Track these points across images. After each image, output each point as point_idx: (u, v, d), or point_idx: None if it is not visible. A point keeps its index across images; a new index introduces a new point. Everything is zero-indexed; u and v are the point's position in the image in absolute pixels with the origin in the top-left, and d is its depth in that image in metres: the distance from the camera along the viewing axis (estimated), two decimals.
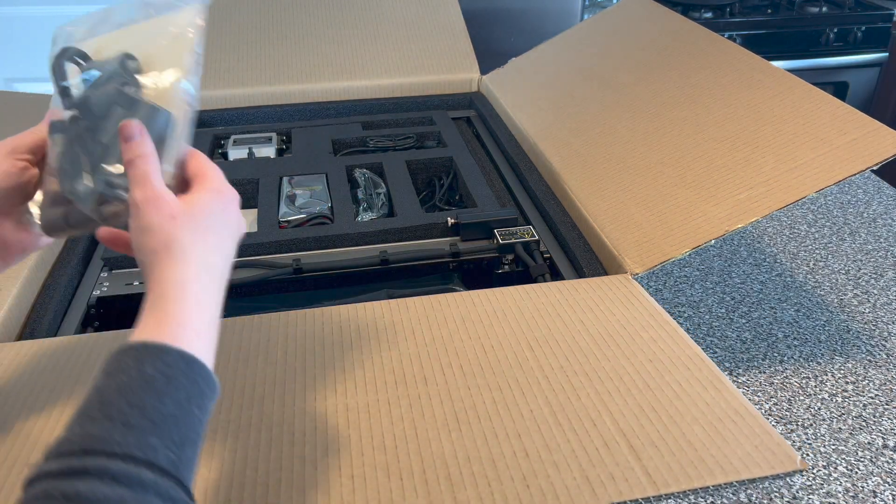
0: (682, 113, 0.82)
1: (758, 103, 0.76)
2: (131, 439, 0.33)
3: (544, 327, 0.63)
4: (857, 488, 0.52)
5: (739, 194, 0.68)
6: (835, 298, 0.75)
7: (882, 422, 0.59)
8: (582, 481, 0.48)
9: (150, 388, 0.35)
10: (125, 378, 0.35)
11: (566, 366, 0.59)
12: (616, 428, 0.53)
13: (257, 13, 1.24)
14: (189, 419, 0.35)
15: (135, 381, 0.35)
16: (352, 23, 1.24)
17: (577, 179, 0.84)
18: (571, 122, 0.94)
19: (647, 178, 0.77)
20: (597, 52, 1.06)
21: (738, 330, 0.70)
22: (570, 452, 0.50)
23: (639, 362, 0.59)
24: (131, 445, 0.33)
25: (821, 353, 0.67)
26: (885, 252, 0.83)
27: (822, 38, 1.80)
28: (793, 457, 0.51)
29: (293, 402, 0.55)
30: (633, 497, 0.48)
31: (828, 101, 0.71)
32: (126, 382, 0.35)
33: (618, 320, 0.64)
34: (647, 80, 0.92)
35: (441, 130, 1.06)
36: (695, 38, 0.94)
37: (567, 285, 0.69)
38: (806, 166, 0.66)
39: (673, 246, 0.68)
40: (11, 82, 1.87)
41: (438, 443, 0.51)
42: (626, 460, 0.50)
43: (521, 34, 1.69)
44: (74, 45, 0.48)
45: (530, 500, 0.47)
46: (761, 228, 0.88)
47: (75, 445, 0.33)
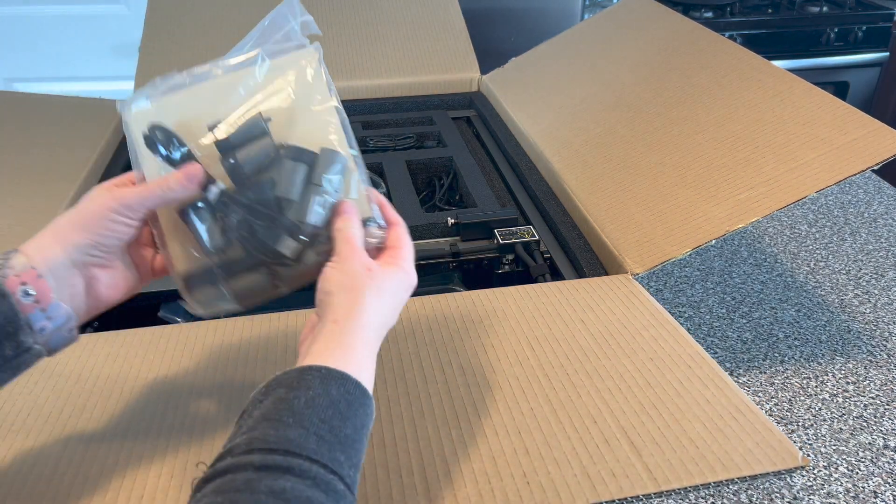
0: (683, 113, 0.82)
1: (758, 103, 0.76)
2: (324, 450, 0.35)
3: (544, 326, 0.63)
4: (858, 489, 0.52)
5: (740, 194, 0.68)
6: (835, 298, 0.75)
7: (883, 422, 0.59)
8: (582, 478, 0.48)
9: (336, 409, 0.37)
10: (312, 394, 0.37)
11: (566, 364, 0.59)
12: (617, 425, 0.53)
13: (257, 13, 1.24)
14: (360, 445, 0.38)
15: (322, 399, 0.37)
16: (352, 22, 1.23)
17: (578, 179, 0.84)
18: (572, 122, 0.94)
19: (647, 177, 0.77)
20: (597, 52, 1.06)
21: (739, 330, 0.70)
22: (570, 449, 0.50)
23: (639, 361, 0.59)
24: (325, 456, 0.35)
25: (821, 354, 0.67)
26: (886, 252, 0.83)
27: (822, 37, 1.80)
28: (794, 453, 0.51)
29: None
30: (634, 493, 0.48)
31: (828, 101, 0.71)
32: (314, 398, 0.37)
33: (618, 319, 0.64)
34: (648, 80, 0.91)
35: (441, 130, 1.06)
36: (695, 37, 0.94)
37: (567, 285, 0.69)
38: (806, 166, 0.66)
39: (673, 246, 0.68)
40: (11, 82, 1.87)
41: (438, 440, 0.51)
42: (626, 457, 0.50)
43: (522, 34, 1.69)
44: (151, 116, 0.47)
45: (530, 497, 0.47)
46: (762, 228, 0.88)
47: (275, 445, 0.34)
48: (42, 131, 0.98)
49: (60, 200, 0.82)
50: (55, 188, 0.84)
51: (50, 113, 1.04)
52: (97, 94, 1.16)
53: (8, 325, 0.38)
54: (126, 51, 1.80)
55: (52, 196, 0.82)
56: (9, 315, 0.38)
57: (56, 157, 0.91)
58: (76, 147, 0.94)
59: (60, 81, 1.87)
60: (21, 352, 0.39)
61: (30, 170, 0.87)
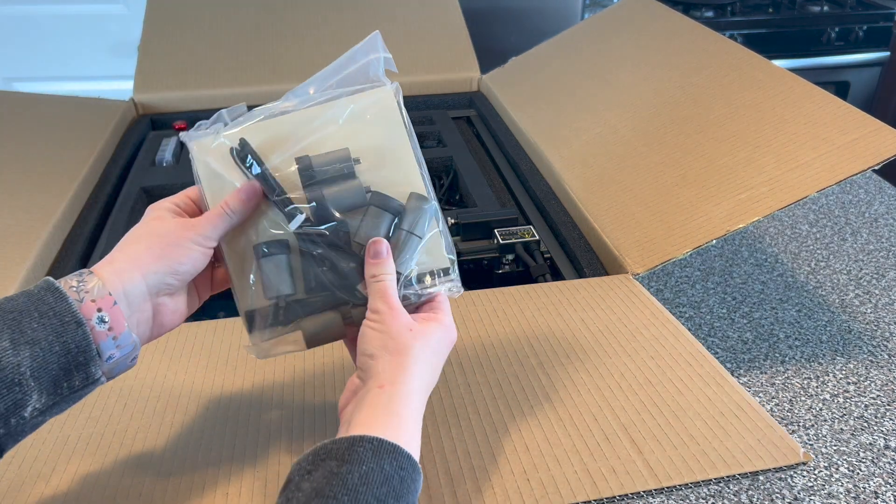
0: (683, 112, 0.82)
1: (759, 103, 0.76)
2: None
3: (545, 326, 0.63)
4: (859, 489, 0.52)
5: (740, 194, 0.68)
6: (836, 299, 0.75)
7: (884, 422, 0.58)
8: (583, 474, 0.48)
9: (390, 485, 0.36)
10: (365, 469, 0.36)
11: (567, 363, 0.58)
12: (617, 423, 0.53)
13: (256, 12, 1.24)
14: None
15: (376, 475, 0.36)
16: (352, 22, 1.23)
17: (578, 179, 0.84)
18: (572, 122, 0.93)
19: (647, 177, 0.77)
20: (597, 52, 1.06)
21: (740, 330, 0.70)
22: (570, 447, 0.50)
23: (640, 359, 0.59)
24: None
25: (822, 354, 0.67)
26: (887, 252, 0.82)
27: (823, 37, 1.80)
28: (796, 450, 0.51)
29: (292, 399, 0.55)
30: (635, 490, 0.48)
31: (829, 101, 0.71)
32: (367, 474, 0.36)
33: (619, 318, 0.64)
34: (648, 80, 0.91)
35: (441, 130, 1.06)
36: (696, 37, 0.93)
37: (568, 285, 0.69)
38: (807, 166, 0.66)
39: (674, 246, 0.68)
40: (11, 81, 1.87)
41: (438, 438, 0.51)
42: (627, 454, 0.50)
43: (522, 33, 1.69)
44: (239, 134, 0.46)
45: (530, 493, 0.47)
46: (762, 228, 0.88)
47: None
48: (41, 131, 0.98)
49: (60, 200, 0.82)
50: (55, 188, 0.84)
51: (49, 112, 1.03)
52: (96, 93, 1.16)
53: (80, 356, 0.37)
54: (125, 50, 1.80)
55: (51, 196, 0.82)
56: (82, 345, 0.37)
57: (55, 156, 0.91)
58: (75, 147, 0.94)
59: (60, 81, 1.86)
60: (89, 383, 0.38)
61: (29, 169, 0.87)
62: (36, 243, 0.73)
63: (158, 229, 0.42)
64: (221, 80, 1.13)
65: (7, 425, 0.35)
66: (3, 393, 0.34)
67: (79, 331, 0.37)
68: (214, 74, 1.14)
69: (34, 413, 0.36)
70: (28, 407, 0.35)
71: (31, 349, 0.35)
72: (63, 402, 0.37)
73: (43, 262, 0.73)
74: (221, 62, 1.16)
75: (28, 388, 0.35)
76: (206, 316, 0.72)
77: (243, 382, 0.57)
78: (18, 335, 0.35)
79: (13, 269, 0.69)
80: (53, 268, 0.74)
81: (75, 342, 0.37)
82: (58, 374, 0.36)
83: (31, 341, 0.35)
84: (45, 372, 0.36)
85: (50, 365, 0.36)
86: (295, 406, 0.54)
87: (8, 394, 0.34)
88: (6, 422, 0.35)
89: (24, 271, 0.69)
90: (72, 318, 0.37)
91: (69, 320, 0.37)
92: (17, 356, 0.35)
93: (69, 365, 0.37)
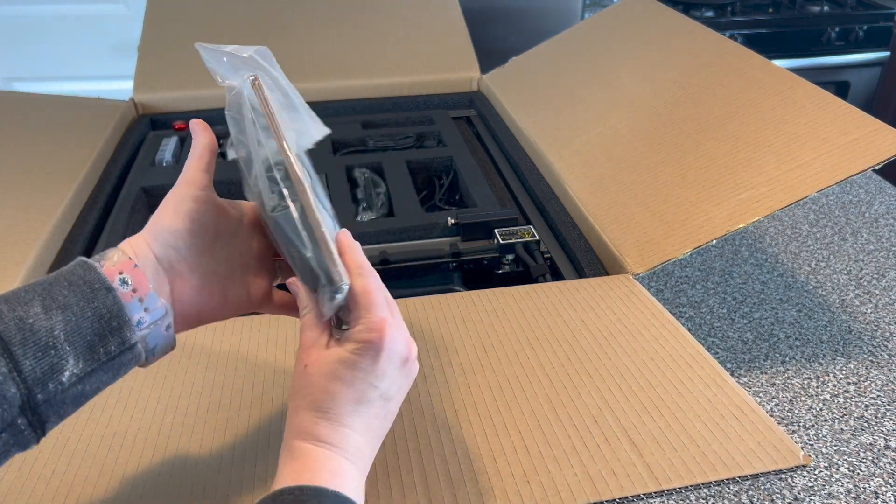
0: (684, 112, 0.82)
1: (759, 103, 0.76)
2: None
3: (545, 326, 0.63)
4: (859, 489, 0.52)
5: (741, 194, 0.67)
6: (837, 299, 0.75)
7: (884, 423, 0.58)
8: (583, 477, 0.48)
9: None
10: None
11: (567, 364, 0.58)
12: (617, 425, 0.52)
13: (256, 12, 1.24)
14: None
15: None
16: (351, 22, 1.23)
17: (578, 179, 0.84)
18: (572, 122, 0.93)
19: (647, 177, 0.77)
20: (597, 52, 1.06)
21: (740, 330, 0.70)
22: (570, 449, 0.50)
23: (640, 360, 0.59)
24: None
25: (822, 354, 0.67)
26: (888, 252, 0.82)
27: (823, 37, 1.80)
28: (796, 452, 0.51)
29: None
30: (635, 492, 0.48)
31: (829, 101, 0.71)
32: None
33: (619, 319, 0.64)
34: (648, 80, 0.91)
35: (441, 130, 1.06)
36: (696, 37, 0.93)
37: (568, 285, 0.69)
38: (807, 166, 0.66)
39: (674, 246, 0.68)
40: (10, 81, 1.87)
41: (438, 440, 0.51)
42: (627, 456, 0.50)
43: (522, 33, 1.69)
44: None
45: (530, 496, 0.47)
46: (763, 228, 0.88)
47: None
48: (41, 131, 0.98)
49: (60, 200, 0.82)
50: (54, 188, 0.84)
51: (49, 112, 1.03)
52: (96, 93, 1.16)
53: (113, 320, 0.37)
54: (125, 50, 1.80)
55: (51, 196, 0.82)
56: (113, 309, 0.37)
57: (55, 156, 0.91)
58: (75, 147, 0.94)
59: (59, 81, 1.86)
60: (125, 349, 0.38)
61: (28, 169, 0.87)
62: (36, 243, 0.73)
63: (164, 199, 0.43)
64: None
65: (45, 390, 0.34)
66: (39, 356, 0.34)
67: (109, 296, 0.37)
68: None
69: (72, 379, 0.36)
70: (66, 371, 0.35)
71: (64, 314, 0.35)
72: (102, 371, 0.37)
73: (43, 262, 0.73)
74: None
75: (63, 352, 0.35)
76: None
77: (244, 383, 0.57)
78: (49, 301, 0.35)
79: (13, 269, 0.69)
80: (53, 268, 0.74)
81: (106, 307, 0.37)
82: (92, 339, 0.36)
83: (63, 307, 0.36)
84: (78, 336, 0.36)
85: (83, 329, 0.36)
86: None
87: (43, 357, 0.34)
88: (44, 386, 0.34)
89: (23, 271, 0.69)
90: (101, 284, 0.37)
91: (99, 287, 0.37)
92: (50, 321, 0.35)
93: (103, 330, 0.37)
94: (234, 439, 0.51)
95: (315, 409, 0.39)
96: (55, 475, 0.48)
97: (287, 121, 0.43)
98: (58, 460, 0.49)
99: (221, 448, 0.50)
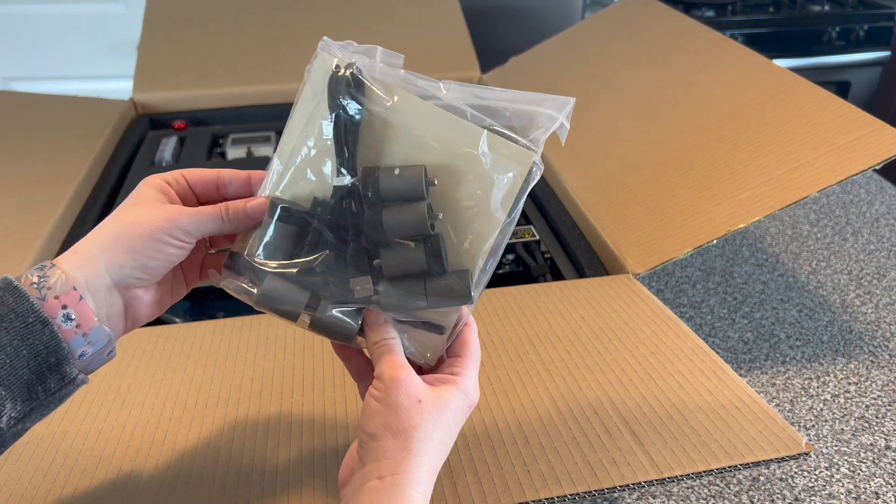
0: (684, 112, 0.82)
1: (760, 102, 0.76)
2: None
3: (545, 324, 0.63)
4: (860, 489, 0.52)
5: (741, 194, 0.67)
6: (837, 299, 0.74)
7: (885, 423, 0.58)
8: (583, 466, 0.48)
9: None
10: None
11: (567, 359, 0.58)
12: (618, 416, 0.52)
13: (256, 12, 1.24)
14: None
15: None
16: (351, 21, 1.23)
17: (578, 179, 0.84)
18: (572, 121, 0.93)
19: (648, 177, 0.77)
20: (598, 51, 1.06)
21: (741, 330, 0.70)
22: (571, 439, 0.50)
23: (641, 355, 0.59)
24: None
25: (823, 354, 0.66)
26: (888, 252, 0.82)
27: (824, 36, 1.80)
28: (798, 440, 0.51)
29: (291, 394, 0.54)
30: (636, 481, 0.47)
31: (830, 100, 0.71)
32: None
33: (619, 316, 0.64)
34: (649, 79, 0.91)
35: None
36: (696, 36, 0.93)
37: (568, 285, 0.69)
38: (808, 165, 0.65)
39: (675, 246, 0.68)
40: (9, 81, 1.87)
41: None
42: (628, 446, 0.50)
43: (522, 32, 1.69)
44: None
45: (531, 485, 0.47)
46: (763, 228, 0.88)
47: None
48: (40, 131, 0.98)
49: (59, 200, 0.81)
50: (53, 188, 0.84)
51: (48, 112, 1.03)
52: (95, 93, 1.15)
53: (51, 356, 0.34)
54: (125, 50, 1.80)
55: (50, 196, 0.82)
56: (50, 345, 0.34)
57: (54, 156, 0.91)
58: (74, 146, 0.94)
59: (58, 80, 1.86)
60: (65, 384, 0.35)
61: (28, 169, 0.87)
62: (35, 243, 0.73)
63: (134, 216, 0.38)
64: (221, 80, 1.13)
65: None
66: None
67: (45, 330, 0.34)
68: (214, 74, 1.13)
69: (11, 422, 0.34)
70: (3, 417, 0.33)
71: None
72: (42, 407, 0.35)
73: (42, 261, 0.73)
74: (221, 62, 1.16)
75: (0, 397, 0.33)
76: (206, 316, 0.72)
77: (242, 379, 0.56)
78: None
79: (13, 269, 0.69)
80: None
81: (43, 343, 0.34)
82: (29, 378, 0.34)
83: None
84: (15, 378, 0.33)
85: (19, 370, 0.33)
86: (294, 403, 0.54)
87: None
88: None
89: (23, 271, 0.69)
90: (35, 318, 0.34)
91: (33, 321, 0.34)
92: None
93: (40, 367, 0.34)
94: (231, 433, 0.51)
95: (441, 454, 0.38)
96: (52, 467, 0.48)
97: None
98: (56, 453, 0.49)
99: (219, 442, 0.50)
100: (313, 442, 0.50)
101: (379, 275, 0.40)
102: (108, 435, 0.51)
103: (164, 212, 0.38)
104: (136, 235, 0.37)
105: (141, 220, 0.37)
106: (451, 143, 0.40)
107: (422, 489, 0.36)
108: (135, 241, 0.37)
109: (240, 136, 1.03)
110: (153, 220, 0.38)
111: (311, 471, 0.48)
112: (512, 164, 0.41)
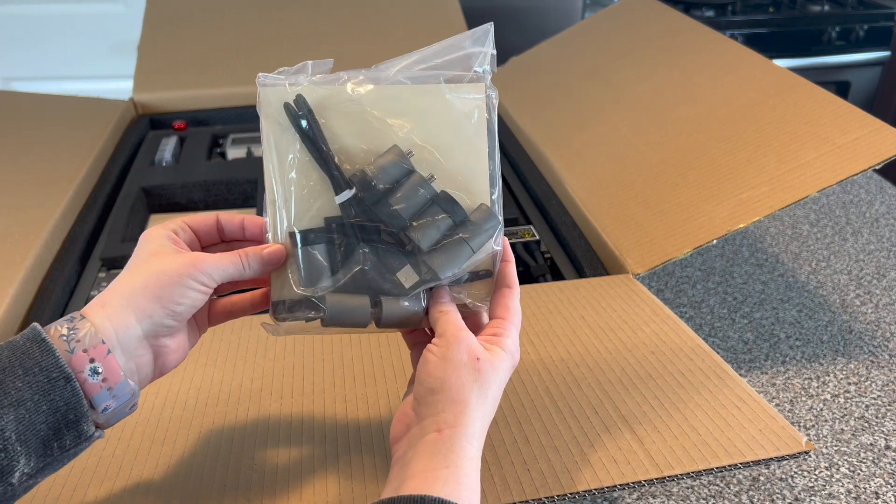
0: (684, 112, 0.82)
1: (760, 102, 0.76)
2: None
3: (545, 323, 0.63)
4: (860, 489, 0.52)
5: (741, 194, 0.67)
6: (837, 299, 0.75)
7: (885, 423, 0.58)
8: (583, 464, 0.48)
9: None
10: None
11: (567, 358, 0.58)
12: (618, 415, 0.52)
13: (255, 12, 1.24)
14: None
15: None
16: (351, 21, 1.23)
17: (578, 179, 0.84)
18: (572, 121, 0.93)
19: (648, 177, 0.77)
20: (598, 51, 1.06)
21: (741, 330, 0.70)
22: (571, 438, 0.50)
23: (641, 354, 0.59)
24: None
25: (823, 354, 0.67)
26: (888, 252, 0.82)
27: (824, 36, 1.80)
28: (798, 439, 0.51)
29: (291, 394, 0.55)
30: (636, 479, 0.47)
31: (830, 100, 0.71)
32: None
33: (619, 316, 0.64)
34: (649, 79, 0.91)
35: None
36: (696, 36, 0.93)
37: (568, 285, 0.69)
38: (808, 166, 0.66)
39: (675, 246, 0.68)
40: (9, 81, 1.87)
41: None
42: (628, 445, 0.50)
43: (522, 33, 1.69)
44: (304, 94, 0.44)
45: (531, 483, 0.47)
46: (763, 228, 0.88)
47: None
48: (40, 131, 0.98)
49: (59, 200, 0.81)
50: (53, 188, 0.84)
51: (48, 112, 1.03)
52: (95, 93, 1.16)
53: (70, 413, 0.34)
54: (125, 50, 1.80)
55: (49, 196, 0.82)
56: (71, 402, 0.34)
57: (54, 156, 0.91)
58: (74, 147, 0.94)
59: (58, 80, 1.86)
60: (81, 441, 0.35)
61: (27, 170, 0.87)
62: (36, 243, 0.73)
63: (158, 266, 0.39)
64: (221, 80, 1.13)
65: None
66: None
67: (67, 387, 0.34)
68: (214, 74, 1.13)
69: (23, 478, 0.33)
70: (16, 472, 0.33)
71: (16, 411, 0.33)
72: (55, 463, 0.35)
73: (43, 262, 0.73)
74: (221, 62, 1.16)
75: (15, 454, 0.33)
76: None
77: (242, 379, 0.56)
78: (2, 396, 0.33)
79: (13, 269, 0.69)
80: (53, 267, 0.74)
81: (64, 399, 0.34)
82: (46, 434, 0.34)
83: (16, 402, 0.33)
84: (32, 434, 0.33)
85: (37, 426, 0.33)
86: (294, 403, 0.54)
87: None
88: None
89: (23, 271, 0.69)
90: (59, 373, 0.34)
91: (56, 376, 0.34)
92: (2, 420, 0.32)
93: (58, 424, 0.34)
94: (231, 433, 0.51)
95: (492, 411, 0.40)
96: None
97: None
98: None
99: (219, 442, 0.50)
100: (313, 441, 0.50)
101: (419, 252, 0.43)
102: (108, 433, 0.51)
103: (186, 258, 0.40)
104: (163, 283, 0.38)
105: (166, 269, 0.39)
106: (417, 109, 0.44)
107: (476, 443, 0.38)
108: (163, 288, 0.38)
109: (240, 136, 1.03)
110: (178, 268, 0.39)
111: (311, 470, 0.48)
112: (470, 98, 0.44)
